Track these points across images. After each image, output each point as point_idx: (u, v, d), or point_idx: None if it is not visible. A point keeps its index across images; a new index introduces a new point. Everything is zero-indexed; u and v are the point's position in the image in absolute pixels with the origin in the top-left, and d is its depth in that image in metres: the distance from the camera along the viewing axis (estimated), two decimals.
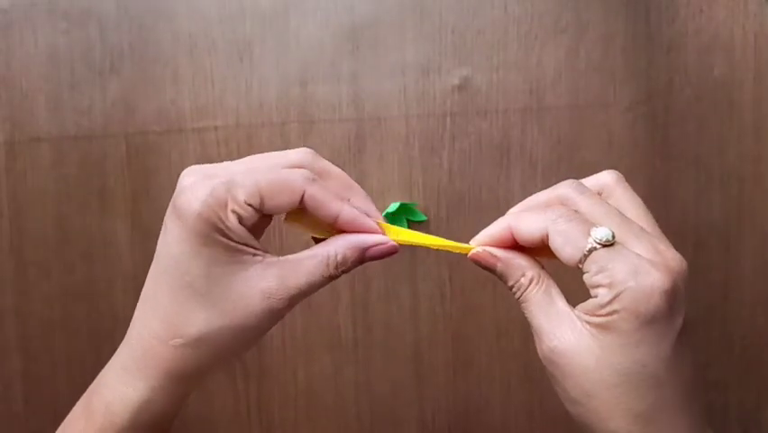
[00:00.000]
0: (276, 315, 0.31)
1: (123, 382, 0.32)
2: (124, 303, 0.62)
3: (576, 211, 0.31)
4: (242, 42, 0.59)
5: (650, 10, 0.57)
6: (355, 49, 0.59)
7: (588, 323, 0.29)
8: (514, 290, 0.32)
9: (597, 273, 0.28)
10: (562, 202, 0.32)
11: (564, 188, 0.32)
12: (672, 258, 0.29)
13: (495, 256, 0.33)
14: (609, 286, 0.28)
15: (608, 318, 0.28)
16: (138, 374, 0.31)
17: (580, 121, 0.58)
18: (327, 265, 0.31)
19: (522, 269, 0.32)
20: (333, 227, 0.32)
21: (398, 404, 0.61)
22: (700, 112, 0.57)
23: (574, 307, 0.31)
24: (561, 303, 0.31)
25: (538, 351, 0.31)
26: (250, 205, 0.30)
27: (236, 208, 0.30)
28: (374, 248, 0.32)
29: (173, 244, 0.30)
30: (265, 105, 0.60)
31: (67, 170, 0.61)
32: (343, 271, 0.32)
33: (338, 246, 0.31)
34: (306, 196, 0.31)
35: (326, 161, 0.34)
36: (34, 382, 0.63)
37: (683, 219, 0.59)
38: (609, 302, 0.28)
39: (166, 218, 0.31)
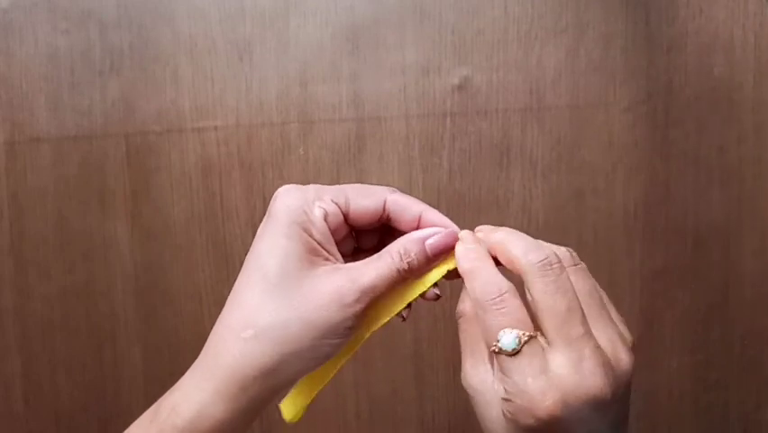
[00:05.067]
0: (346, 312, 0.31)
1: (191, 384, 0.32)
2: (124, 303, 0.62)
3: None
4: (242, 42, 0.59)
5: (650, 10, 0.57)
6: (355, 49, 0.59)
7: (493, 391, 0.30)
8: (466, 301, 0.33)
9: (501, 372, 0.30)
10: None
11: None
12: (589, 374, 0.28)
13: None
14: (509, 392, 0.29)
15: (505, 405, 0.29)
16: (207, 374, 0.32)
17: (580, 121, 0.58)
18: (392, 258, 0.32)
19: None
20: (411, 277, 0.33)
21: (398, 404, 0.61)
22: (700, 112, 0.57)
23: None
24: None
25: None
26: (335, 203, 0.33)
27: (322, 204, 0.33)
28: (432, 237, 0.33)
29: (258, 241, 0.33)
30: (265, 105, 0.60)
31: (67, 170, 0.61)
32: (411, 267, 0.32)
33: (399, 242, 0.33)
34: (389, 201, 0.34)
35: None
36: (34, 382, 0.63)
37: (683, 219, 0.59)
38: (506, 401, 0.29)
39: (258, 228, 0.34)
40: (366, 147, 0.59)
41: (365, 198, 0.34)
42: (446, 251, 0.33)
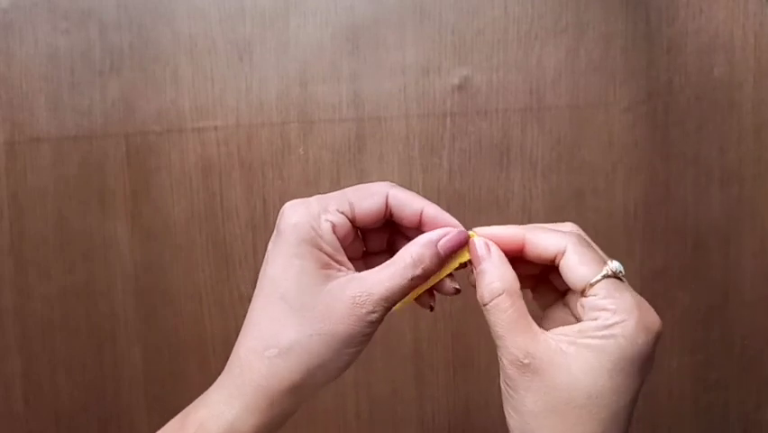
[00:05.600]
0: (364, 321, 0.32)
1: (220, 401, 0.33)
2: (124, 303, 0.62)
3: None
4: (242, 42, 0.59)
5: (650, 10, 0.57)
6: (355, 49, 0.59)
7: (572, 344, 0.30)
8: (485, 292, 0.32)
9: (605, 298, 0.30)
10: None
11: (573, 228, 0.34)
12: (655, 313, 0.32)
13: (488, 250, 0.33)
14: (614, 312, 0.30)
15: (603, 341, 0.29)
16: (234, 392, 0.33)
17: (580, 121, 0.58)
18: (405, 267, 0.32)
19: (503, 274, 0.32)
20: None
21: (398, 404, 0.61)
22: (700, 112, 0.57)
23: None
24: (530, 319, 0.32)
25: (504, 359, 0.31)
26: (341, 212, 0.33)
27: (329, 217, 0.33)
28: (443, 239, 0.33)
29: (270, 263, 0.33)
30: (265, 105, 0.60)
31: (67, 170, 0.61)
32: (425, 272, 0.33)
33: (411, 248, 0.33)
34: (390, 196, 0.34)
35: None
36: (34, 382, 0.63)
37: (683, 219, 0.59)
38: (611, 325, 0.30)
39: (268, 247, 0.34)
40: (366, 147, 0.59)
41: (367, 199, 0.34)
42: (457, 250, 0.34)
